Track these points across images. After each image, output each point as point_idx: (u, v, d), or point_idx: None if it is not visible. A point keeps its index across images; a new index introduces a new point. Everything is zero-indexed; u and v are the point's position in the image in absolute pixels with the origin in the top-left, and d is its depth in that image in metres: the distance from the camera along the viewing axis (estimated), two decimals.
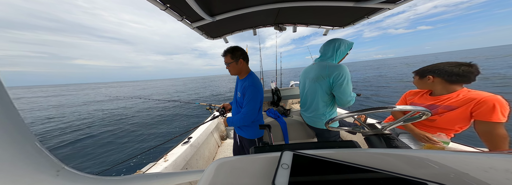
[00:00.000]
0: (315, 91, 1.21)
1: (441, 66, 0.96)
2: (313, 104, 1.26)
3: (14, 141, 0.21)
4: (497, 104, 0.82)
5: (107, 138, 5.77)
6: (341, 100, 1.13)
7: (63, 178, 0.25)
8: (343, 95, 1.09)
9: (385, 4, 1.09)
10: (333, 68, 1.08)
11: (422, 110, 0.60)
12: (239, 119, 1.12)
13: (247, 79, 1.12)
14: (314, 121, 1.28)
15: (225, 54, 1.10)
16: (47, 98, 31.12)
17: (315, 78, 1.18)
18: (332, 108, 1.23)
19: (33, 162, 0.22)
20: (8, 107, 0.21)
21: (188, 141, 1.70)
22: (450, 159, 0.28)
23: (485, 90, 0.91)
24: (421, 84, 1.09)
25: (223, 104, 1.49)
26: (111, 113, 10.44)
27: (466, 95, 0.91)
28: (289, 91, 2.65)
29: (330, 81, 1.10)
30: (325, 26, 1.73)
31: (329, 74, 1.09)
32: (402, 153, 0.31)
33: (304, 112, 1.40)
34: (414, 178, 0.23)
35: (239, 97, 1.15)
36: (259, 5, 1.15)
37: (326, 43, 1.20)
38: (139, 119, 8.16)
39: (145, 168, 1.24)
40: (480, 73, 0.90)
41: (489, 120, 0.83)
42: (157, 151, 4.09)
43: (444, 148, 1.00)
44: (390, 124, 0.68)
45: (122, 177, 0.35)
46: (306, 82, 1.31)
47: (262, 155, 0.36)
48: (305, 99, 1.34)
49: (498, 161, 0.26)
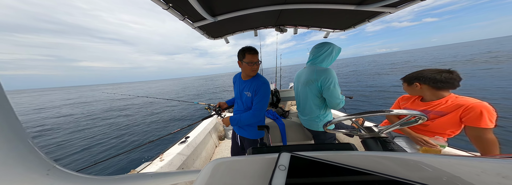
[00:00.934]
0: (306, 95, 1.25)
1: (425, 73, 0.99)
2: (306, 107, 1.30)
3: (6, 139, 0.21)
4: (484, 111, 0.84)
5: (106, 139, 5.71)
6: (330, 103, 1.17)
7: (54, 177, 0.25)
8: (332, 98, 1.13)
9: (386, 8, 1.11)
10: (321, 72, 1.12)
11: (418, 115, 0.61)
12: (250, 116, 1.12)
13: (258, 78, 1.15)
14: (310, 123, 1.32)
15: (256, 52, 1.08)
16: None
17: (305, 82, 1.22)
18: (325, 110, 1.26)
19: (23, 160, 0.22)
20: (3, 105, 0.21)
21: (185, 140, 1.69)
22: (444, 163, 0.28)
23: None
24: (410, 91, 1.12)
25: (219, 103, 1.46)
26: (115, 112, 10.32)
27: (454, 101, 0.94)
28: (288, 92, 2.65)
29: (319, 85, 1.14)
30: (326, 29, 1.75)
31: (317, 78, 1.13)
32: (397, 156, 0.32)
33: (300, 115, 1.44)
34: (408, 181, 0.24)
35: (249, 97, 1.14)
36: (261, 6, 1.16)
37: (318, 46, 1.21)
38: (137, 120, 8.09)
39: (140, 167, 1.22)
40: (461, 79, 0.93)
41: (478, 126, 0.85)
42: (151, 150, 4.06)
43: (441, 151, 1.01)
44: (387, 127, 0.69)
45: (115, 177, 0.34)
46: (298, 86, 1.35)
47: (260, 156, 0.36)
48: (299, 102, 1.39)
49: (489, 165, 0.26)
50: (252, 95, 1.13)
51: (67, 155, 4.64)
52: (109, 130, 6.65)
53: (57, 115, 12.36)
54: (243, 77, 1.22)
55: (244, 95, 1.18)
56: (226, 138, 2.60)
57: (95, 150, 4.79)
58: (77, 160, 4.28)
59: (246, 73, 1.15)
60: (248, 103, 1.18)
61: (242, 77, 1.22)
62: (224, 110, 1.45)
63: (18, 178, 0.21)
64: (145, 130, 6.26)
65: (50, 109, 16.81)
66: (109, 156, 3.65)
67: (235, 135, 1.38)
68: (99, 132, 6.44)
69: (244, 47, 1.08)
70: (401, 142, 1.18)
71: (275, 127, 1.61)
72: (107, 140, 5.49)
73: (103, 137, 5.83)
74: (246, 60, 1.07)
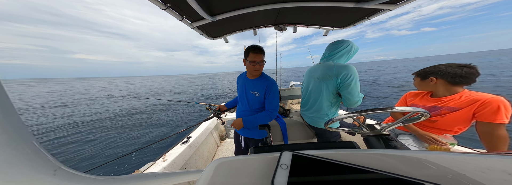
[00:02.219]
0: (320, 91, 1.19)
1: (443, 67, 0.97)
2: (316, 103, 1.24)
3: (12, 140, 0.21)
4: (501, 106, 0.82)
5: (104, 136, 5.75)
6: (348, 100, 1.10)
7: (60, 177, 0.25)
8: (351, 95, 1.08)
9: (385, 5, 1.09)
10: (341, 68, 1.07)
11: (421, 112, 0.60)
12: (266, 116, 1.14)
13: (265, 78, 1.16)
14: (316, 121, 1.28)
15: (261, 52, 1.06)
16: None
17: (321, 78, 1.16)
18: (336, 108, 1.24)
19: (30, 161, 0.22)
20: (6, 106, 0.21)
21: (187, 140, 1.69)
22: (448, 160, 0.28)
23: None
24: (423, 86, 1.08)
25: (218, 106, 1.48)
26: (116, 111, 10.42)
27: (469, 96, 0.91)
28: (289, 91, 2.65)
29: (338, 81, 1.08)
30: (325, 27, 1.74)
31: (337, 74, 1.07)
32: (400, 154, 0.32)
33: (306, 112, 1.38)
34: (411, 179, 0.24)
35: (257, 96, 1.15)
36: (260, 5, 1.15)
37: (336, 43, 1.16)
38: (137, 120, 8.14)
39: (144, 167, 1.23)
40: (480, 74, 0.91)
41: (493, 121, 0.83)
42: (154, 151, 4.09)
43: (450, 150, 0.98)
44: (390, 124, 0.68)
45: (120, 177, 0.35)
46: (311, 81, 1.29)
47: (261, 155, 0.36)
48: (308, 99, 1.33)
49: (495, 162, 0.26)
50: (261, 94, 1.14)
51: (66, 155, 4.67)
52: (112, 132, 6.71)
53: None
54: (249, 76, 1.21)
55: (251, 95, 1.17)
56: (228, 137, 2.61)
57: (97, 150, 4.84)
58: (81, 162, 4.32)
59: (250, 72, 1.16)
60: (255, 102, 1.18)
61: (248, 76, 1.22)
62: (223, 112, 1.47)
63: (24, 178, 0.22)
64: (145, 130, 6.30)
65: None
66: (112, 157, 3.69)
67: (239, 137, 1.37)
68: (107, 135, 6.50)
69: (250, 45, 1.07)
70: (407, 140, 1.15)
71: (276, 126, 1.61)
72: (111, 141, 5.54)
73: (106, 138, 5.88)
74: (249, 59, 1.06)
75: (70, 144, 5.29)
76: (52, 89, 39.90)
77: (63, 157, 4.41)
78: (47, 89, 38.58)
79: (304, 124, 1.52)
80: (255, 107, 1.19)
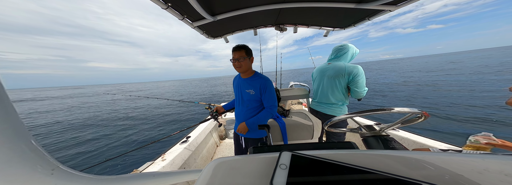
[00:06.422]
0: (332, 86, 1.48)
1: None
2: (331, 96, 1.52)
3: (9, 139, 0.21)
4: None
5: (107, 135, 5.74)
6: (356, 92, 1.40)
7: (58, 177, 0.25)
8: (359, 88, 1.38)
9: (386, 6, 1.10)
10: (352, 68, 1.36)
11: (419, 113, 0.60)
12: (267, 114, 1.15)
13: (258, 76, 1.17)
14: (329, 109, 1.56)
15: (239, 49, 1.07)
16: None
17: (334, 76, 1.44)
18: (346, 100, 1.53)
19: (27, 160, 0.22)
20: (4, 105, 0.21)
21: (186, 140, 1.69)
22: (446, 161, 0.28)
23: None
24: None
25: (216, 107, 1.48)
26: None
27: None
28: (288, 91, 2.65)
29: (349, 78, 1.38)
30: (326, 27, 1.74)
31: (349, 73, 1.37)
32: (399, 154, 0.32)
33: (319, 103, 1.67)
34: (409, 179, 0.24)
35: (252, 94, 1.15)
36: (260, 5, 1.15)
37: (342, 48, 1.46)
38: (136, 120, 8.12)
39: (142, 167, 1.23)
40: None
41: None
42: (153, 150, 4.08)
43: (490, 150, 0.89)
44: (388, 125, 0.69)
45: (118, 176, 0.34)
46: (324, 78, 1.56)
47: (261, 155, 0.36)
48: (322, 93, 1.60)
49: (492, 163, 0.26)
50: (256, 92, 1.14)
51: (66, 155, 4.67)
52: (110, 131, 6.69)
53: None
54: (242, 75, 1.23)
55: (246, 93, 1.18)
56: (227, 137, 2.61)
57: (97, 150, 4.83)
58: (75, 159, 4.31)
59: (236, 70, 1.18)
60: (250, 101, 1.18)
61: (242, 76, 1.23)
62: (221, 114, 1.48)
63: (22, 178, 0.21)
64: (146, 130, 6.29)
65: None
66: (111, 156, 3.69)
67: (238, 137, 1.37)
68: (103, 133, 6.48)
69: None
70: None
71: (276, 126, 1.61)
72: (110, 140, 5.52)
73: (105, 137, 5.87)
74: (232, 58, 1.10)
75: (65, 142, 5.28)
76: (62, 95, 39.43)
77: (61, 155, 4.40)
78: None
79: (303, 124, 1.52)
80: (252, 106, 1.20)
